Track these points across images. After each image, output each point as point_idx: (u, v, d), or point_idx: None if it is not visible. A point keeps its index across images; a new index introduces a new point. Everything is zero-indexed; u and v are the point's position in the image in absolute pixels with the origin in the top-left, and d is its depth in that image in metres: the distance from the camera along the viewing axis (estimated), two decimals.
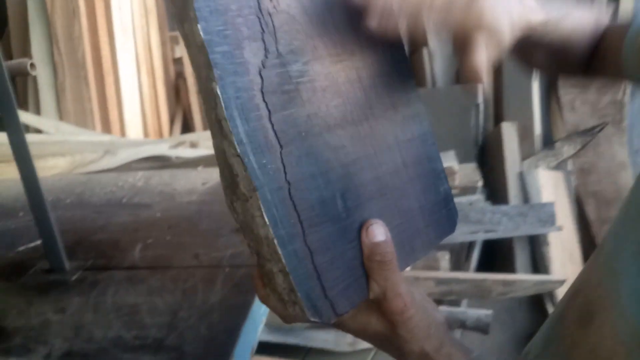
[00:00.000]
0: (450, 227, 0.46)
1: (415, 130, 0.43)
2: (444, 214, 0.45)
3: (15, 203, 1.13)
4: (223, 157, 0.34)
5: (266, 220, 0.32)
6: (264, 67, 0.35)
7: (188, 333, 0.65)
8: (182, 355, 0.62)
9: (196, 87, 2.26)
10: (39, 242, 0.87)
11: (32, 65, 0.89)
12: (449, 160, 1.39)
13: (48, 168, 1.62)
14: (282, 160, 0.35)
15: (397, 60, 0.43)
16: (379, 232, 0.36)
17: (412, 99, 0.44)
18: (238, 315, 0.68)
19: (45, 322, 0.70)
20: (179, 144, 1.77)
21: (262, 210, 0.32)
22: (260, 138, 0.34)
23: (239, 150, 0.33)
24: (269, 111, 0.34)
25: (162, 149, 1.71)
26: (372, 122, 0.40)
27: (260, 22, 0.36)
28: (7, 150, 1.44)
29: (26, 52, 1.91)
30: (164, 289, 0.76)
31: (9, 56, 1.97)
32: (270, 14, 0.36)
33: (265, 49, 0.35)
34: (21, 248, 0.91)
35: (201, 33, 0.32)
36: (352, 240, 0.37)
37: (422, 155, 0.43)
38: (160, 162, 1.66)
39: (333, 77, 0.38)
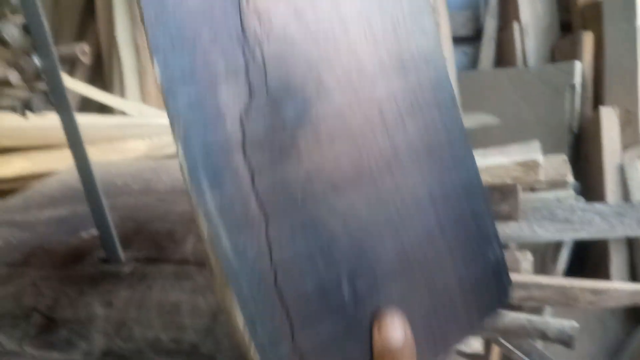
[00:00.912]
0: (501, 301, 0.36)
1: (457, 179, 0.33)
2: (493, 287, 0.35)
3: None
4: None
5: (240, 322, 0.25)
6: (246, 114, 0.27)
7: (224, 341, 0.63)
8: None
9: None
10: None
11: (81, 51, 0.89)
12: (532, 151, 1.26)
13: (128, 150, 1.68)
14: (267, 239, 0.27)
15: (435, 84, 0.33)
16: (395, 332, 0.27)
17: (456, 137, 0.33)
18: None
19: (91, 315, 0.70)
20: None
21: (237, 308, 0.25)
22: (237, 212, 0.26)
23: (206, 229, 0.26)
24: (252, 174, 0.27)
25: None
26: (397, 175, 0.30)
27: (244, 51, 0.27)
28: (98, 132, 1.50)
29: (111, 35, 1.97)
30: (209, 288, 0.74)
31: (95, 39, 2.06)
32: (259, 40, 0.27)
33: (250, 89, 0.27)
34: (84, 234, 0.93)
35: (158, 73, 0.26)
36: (361, 338, 0.28)
37: (466, 213, 0.33)
38: None
39: (345, 118, 0.29)
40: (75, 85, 1.81)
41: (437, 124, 0.32)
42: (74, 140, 0.87)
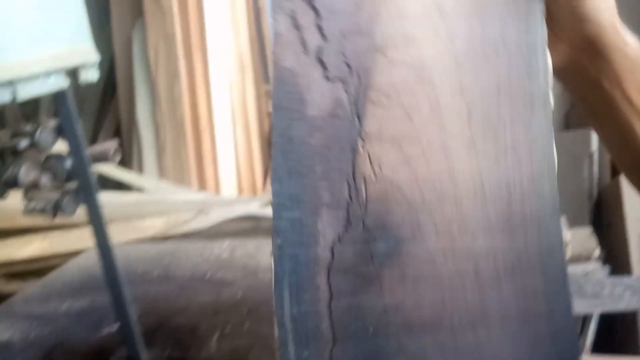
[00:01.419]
0: None
1: (553, 353, 0.31)
2: None
3: None
4: None
5: None
6: (339, 242, 0.28)
7: None
8: None
9: None
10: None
11: (114, 152, 0.91)
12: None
13: (145, 228, 1.68)
14: (330, 357, 0.27)
15: (545, 250, 0.31)
16: None
17: (559, 307, 0.31)
18: None
19: None
20: (270, 203, 1.76)
21: None
22: (309, 326, 0.27)
23: (277, 335, 0.27)
24: (331, 296, 0.27)
25: (253, 207, 1.71)
26: (480, 334, 0.29)
27: (349, 189, 0.28)
28: (116, 212, 1.50)
29: (132, 113, 2.02)
30: None
31: (117, 117, 2.10)
32: (365, 181, 0.29)
33: (347, 221, 0.28)
34: (105, 331, 0.92)
35: (272, 193, 0.27)
36: None
37: None
38: (251, 223, 1.66)
39: (436, 265, 0.29)
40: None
41: (539, 293, 0.31)
42: (101, 238, 0.87)
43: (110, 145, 0.95)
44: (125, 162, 2.02)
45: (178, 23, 2.00)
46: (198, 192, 1.89)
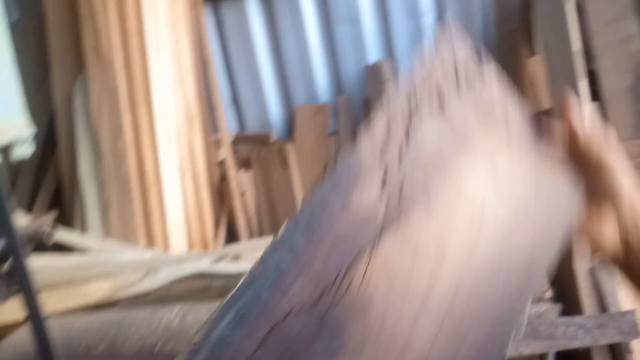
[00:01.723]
0: None
1: None
2: None
3: None
4: None
5: None
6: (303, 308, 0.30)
7: None
8: None
9: (240, 190, 2.24)
10: None
11: (49, 233, 0.86)
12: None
13: (90, 294, 1.59)
14: None
15: None
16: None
17: None
18: None
19: None
20: (222, 257, 1.71)
21: None
22: None
23: None
24: None
25: (204, 265, 1.66)
26: None
27: (331, 285, 0.31)
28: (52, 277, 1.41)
29: (73, 169, 1.95)
30: None
31: (57, 174, 2.02)
32: (350, 284, 0.31)
33: (320, 299, 0.30)
34: None
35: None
36: None
37: None
38: (203, 282, 1.61)
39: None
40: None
41: None
42: (36, 320, 0.81)
43: (45, 220, 0.90)
44: (67, 222, 1.93)
45: (122, 76, 1.96)
46: (146, 250, 1.82)
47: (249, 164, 2.34)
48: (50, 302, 1.48)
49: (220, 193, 2.23)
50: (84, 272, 1.63)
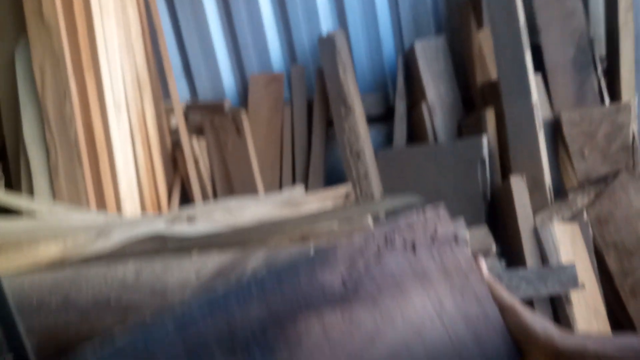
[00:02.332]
0: None
1: None
2: None
3: None
4: None
5: None
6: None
7: None
8: None
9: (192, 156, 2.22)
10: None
11: None
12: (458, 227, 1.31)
13: (40, 255, 1.55)
14: None
15: None
16: None
17: None
18: None
19: None
20: (175, 219, 1.70)
21: None
22: None
23: None
24: None
25: (158, 226, 1.64)
26: None
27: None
28: None
29: (18, 134, 1.87)
30: None
31: (1, 139, 1.94)
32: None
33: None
34: None
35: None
36: None
37: None
38: (157, 243, 1.59)
39: None
40: None
41: None
42: None
43: None
44: (13, 186, 1.86)
45: (66, 41, 1.89)
46: (97, 214, 1.78)
47: (202, 132, 2.31)
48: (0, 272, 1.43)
49: (174, 160, 2.20)
50: (34, 234, 1.58)
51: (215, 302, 0.40)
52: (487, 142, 1.99)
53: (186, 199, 2.19)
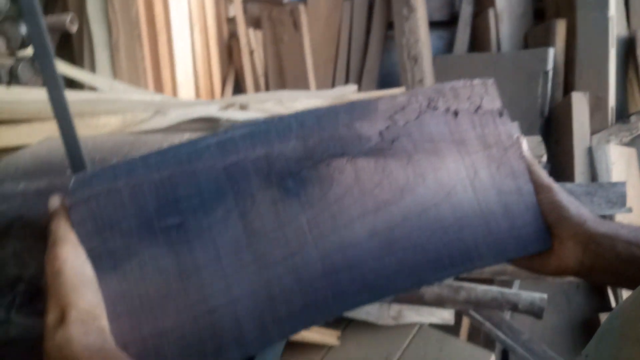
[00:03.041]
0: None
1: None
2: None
3: (63, 161, 1.12)
4: None
5: None
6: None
7: None
8: None
9: (249, 47, 2.21)
10: None
11: (71, 20, 0.86)
12: (513, 128, 1.28)
13: (100, 126, 1.63)
14: None
15: None
16: None
17: None
18: None
19: None
20: (229, 106, 1.73)
21: None
22: None
23: None
24: None
25: (212, 110, 1.68)
26: None
27: None
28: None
29: (82, 10, 1.90)
30: None
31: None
32: None
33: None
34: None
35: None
36: None
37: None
38: (210, 124, 1.64)
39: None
40: None
41: None
42: (60, 109, 0.83)
43: (65, 15, 0.90)
44: (76, 61, 1.93)
45: None
46: (155, 94, 1.83)
47: (259, 24, 2.29)
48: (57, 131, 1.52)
49: (229, 50, 2.20)
50: (94, 106, 1.65)
51: (256, 132, 0.42)
52: (553, 54, 1.90)
53: (239, 90, 2.21)
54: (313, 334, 1.37)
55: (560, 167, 1.78)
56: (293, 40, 2.18)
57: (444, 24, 2.31)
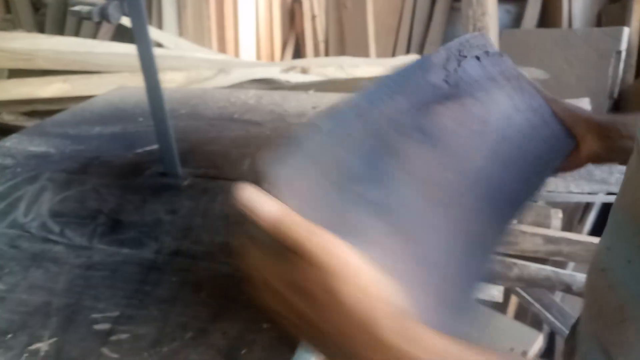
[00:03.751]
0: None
1: None
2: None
3: (135, 109, 1.17)
4: None
5: None
6: None
7: None
8: None
9: (311, 12, 2.21)
10: (155, 146, 0.89)
11: None
12: (583, 106, 1.25)
13: (166, 81, 1.67)
14: None
15: None
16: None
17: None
18: None
19: (157, 220, 0.71)
20: (290, 69, 1.75)
21: None
22: None
23: None
24: None
25: (274, 72, 1.70)
26: None
27: None
28: (134, 61, 1.50)
29: None
30: None
31: None
32: None
33: None
34: (139, 150, 0.94)
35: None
36: None
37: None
38: (271, 85, 1.66)
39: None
40: None
41: None
42: (145, 53, 0.86)
43: None
44: None
45: None
46: (218, 53, 1.86)
47: None
48: (130, 82, 1.57)
49: (292, 14, 2.20)
50: (160, 62, 1.69)
51: (372, 95, 0.44)
52: (628, 34, 1.81)
53: (298, 55, 2.22)
54: None
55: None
56: (356, 7, 2.15)
57: None
